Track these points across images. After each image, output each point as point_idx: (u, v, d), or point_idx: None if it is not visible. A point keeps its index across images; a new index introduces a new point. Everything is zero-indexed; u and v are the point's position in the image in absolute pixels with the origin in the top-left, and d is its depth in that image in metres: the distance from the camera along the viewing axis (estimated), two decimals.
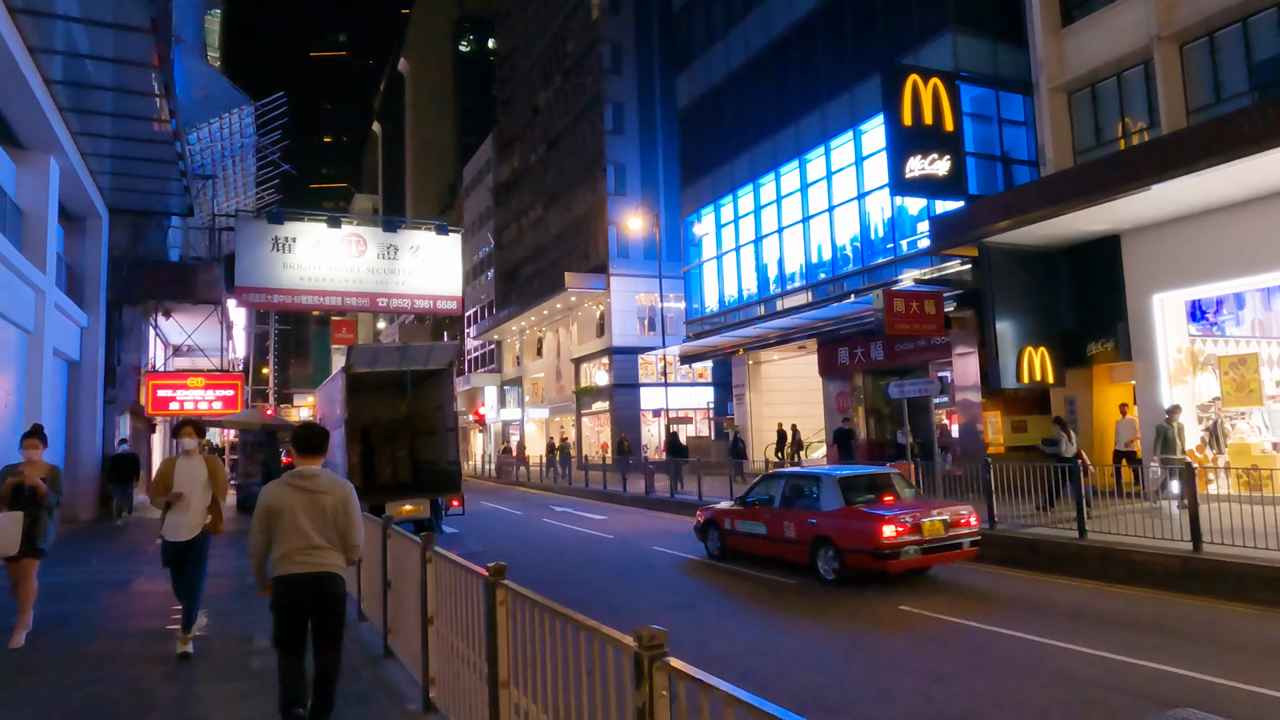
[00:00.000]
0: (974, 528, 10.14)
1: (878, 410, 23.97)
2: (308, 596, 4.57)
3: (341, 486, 4.74)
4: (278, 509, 4.59)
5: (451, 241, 25.37)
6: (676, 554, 12.99)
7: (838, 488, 10.38)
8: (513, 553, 13.99)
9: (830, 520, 10.18)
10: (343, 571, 4.73)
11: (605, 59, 38.30)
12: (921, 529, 9.64)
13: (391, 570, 6.32)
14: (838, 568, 9.96)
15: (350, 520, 4.69)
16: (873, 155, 22.09)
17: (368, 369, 15.68)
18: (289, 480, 4.68)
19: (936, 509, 9.98)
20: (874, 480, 10.82)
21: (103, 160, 16.50)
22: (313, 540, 4.57)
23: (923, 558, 9.65)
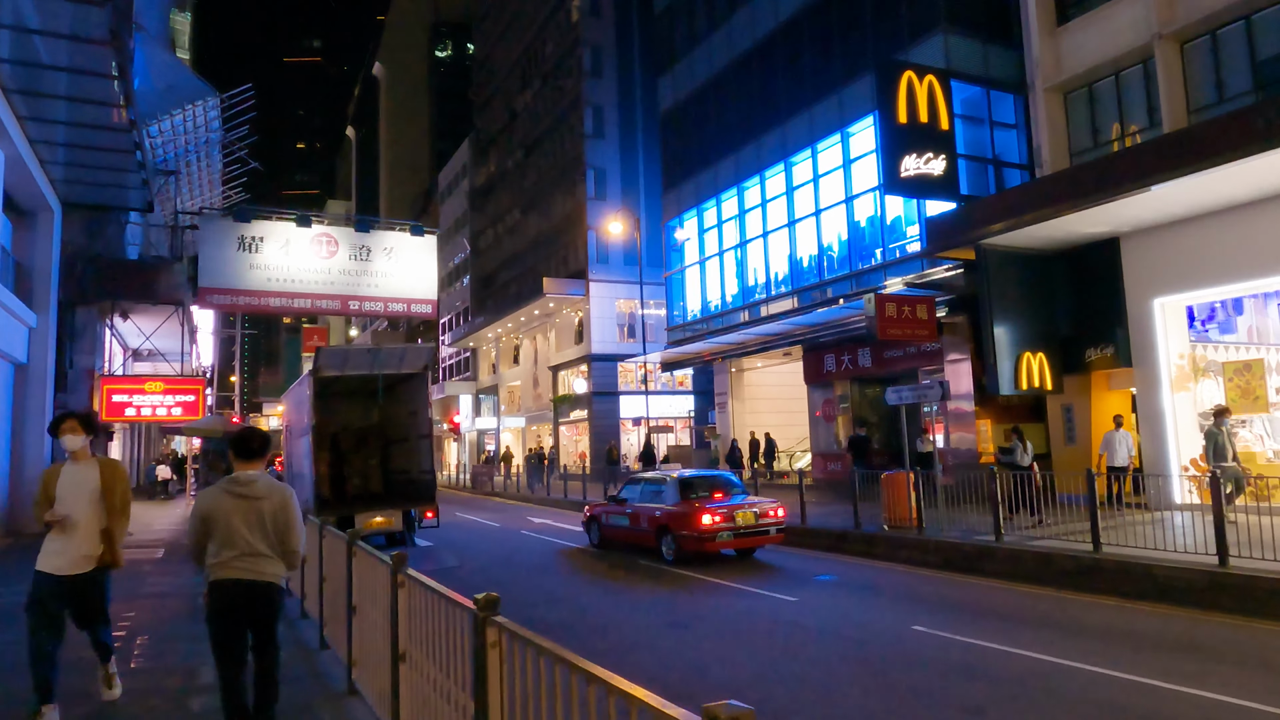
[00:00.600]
0: (780, 518, 12.63)
1: (864, 418, 23.42)
2: (244, 604, 4.47)
3: (280, 491, 4.63)
4: (214, 515, 4.48)
5: (427, 243, 24.49)
6: (669, 569, 12.24)
7: (678, 487, 12.94)
8: (489, 568, 13.18)
9: (669, 513, 12.64)
10: (280, 580, 4.64)
11: (585, 61, 37.70)
12: (735, 519, 12.20)
13: (358, 593, 5.51)
14: (674, 550, 12.49)
15: (290, 526, 4.59)
16: (861, 158, 21.64)
17: (337, 372, 14.82)
18: (226, 486, 4.55)
19: (752, 504, 12.54)
20: (711, 481, 13.42)
21: (55, 149, 15.50)
22: (251, 547, 4.46)
23: (735, 541, 12.28)
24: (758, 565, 12.32)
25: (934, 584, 10.60)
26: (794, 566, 12.24)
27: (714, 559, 12.53)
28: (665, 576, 11.56)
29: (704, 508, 12.20)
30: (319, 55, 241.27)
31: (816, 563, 12.55)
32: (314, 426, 14.59)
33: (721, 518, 12.09)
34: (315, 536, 7.49)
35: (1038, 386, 15.28)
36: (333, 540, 6.56)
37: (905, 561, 12.20)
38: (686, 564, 12.32)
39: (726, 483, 13.44)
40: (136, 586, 10.48)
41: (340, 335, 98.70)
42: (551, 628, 8.67)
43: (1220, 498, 8.99)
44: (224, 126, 21.84)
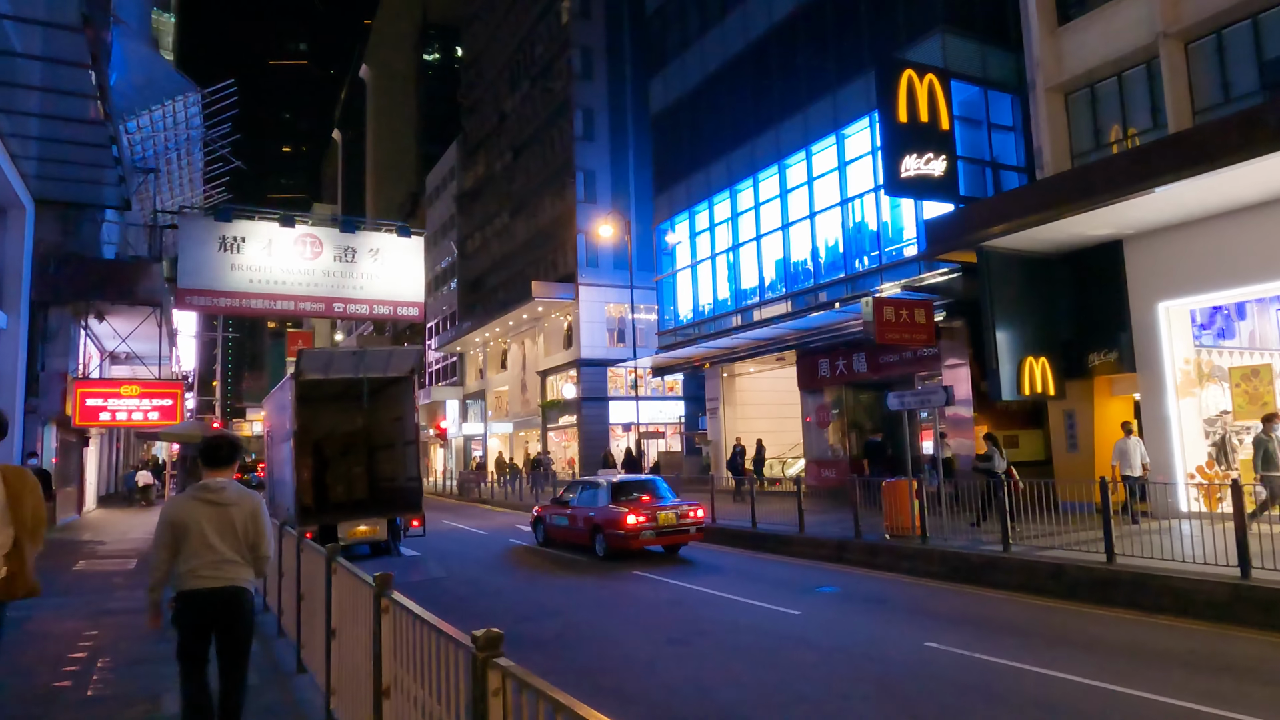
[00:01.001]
0: (700, 519, 14.04)
1: (859, 424, 23.09)
2: (216, 612, 4.45)
3: (250, 498, 4.63)
4: (184, 524, 4.41)
5: (413, 244, 23.99)
6: (667, 580, 11.79)
7: (609, 490, 14.27)
8: (478, 579, 12.68)
9: (600, 513, 13.97)
10: (251, 585, 4.64)
11: (575, 63, 37.31)
12: (657, 519, 13.47)
13: (337, 615, 5.03)
14: (605, 547, 13.78)
15: (261, 533, 4.60)
16: (856, 160, 21.35)
17: (320, 375, 14.30)
18: (195, 494, 4.50)
19: (673, 506, 13.83)
20: (641, 485, 14.80)
21: (27, 143, 14.87)
22: (222, 555, 4.44)
23: (657, 539, 13.61)
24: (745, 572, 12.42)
25: (942, 596, 10.21)
26: (795, 578, 11.83)
27: (639, 555, 14.05)
28: (645, 583, 11.15)
29: (630, 509, 13.63)
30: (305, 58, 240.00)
31: (818, 573, 12.14)
32: (296, 432, 14.06)
33: (645, 518, 13.46)
34: (293, 550, 7.00)
35: (1040, 392, 14.96)
36: (311, 555, 6.05)
37: (909, 572, 11.80)
38: (616, 559, 13.81)
39: (654, 487, 14.91)
40: (103, 601, 9.93)
41: (325, 339, 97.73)
42: (545, 644, 8.21)
43: (1242, 507, 8.63)
44: (205, 124, 21.27)
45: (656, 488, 14.80)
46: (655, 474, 25.45)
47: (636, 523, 13.34)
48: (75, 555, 14.54)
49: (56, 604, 9.73)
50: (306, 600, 6.32)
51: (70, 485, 22.86)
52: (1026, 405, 18.55)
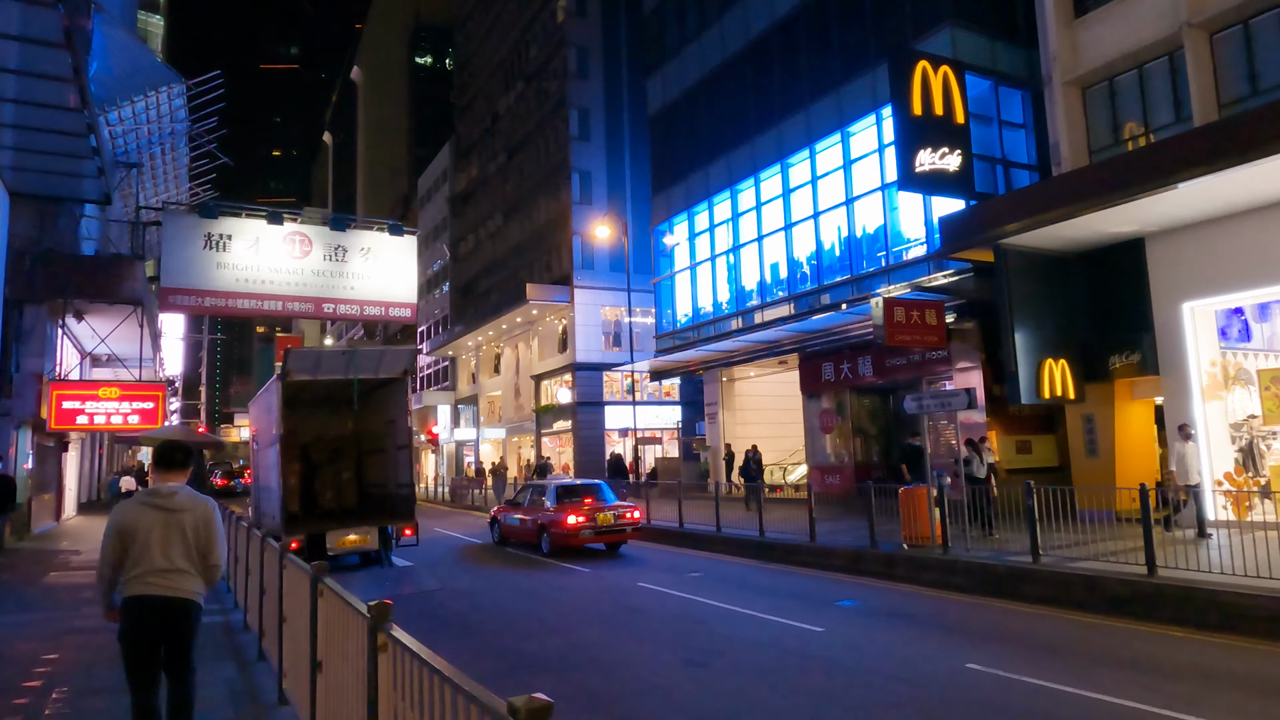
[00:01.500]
0: (635, 520, 15.58)
1: (864, 430, 22.52)
2: (160, 621, 4.26)
3: (202, 504, 4.49)
4: (131, 529, 4.28)
5: (406, 243, 23.30)
6: (674, 593, 11.14)
7: (555, 493, 15.79)
8: (474, 591, 11.99)
9: (547, 514, 15.48)
10: (200, 597, 4.46)
11: (571, 63, 36.73)
12: (596, 520, 14.99)
13: (324, 644, 4.36)
14: (550, 544, 15.29)
15: (212, 541, 4.45)
16: (862, 159, 20.81)
17: (308, 376, 13.60)
18: (145, 499, 4.37)
19: (611, 508, 15.35)
20: (584, 490, 16.20)
21: (1, 132, 14.16)
22: (171, 563, 4.29)
23: (596, 537, 15.08)
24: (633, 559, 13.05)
25: (971, 611, 9.59)
26: (810, 590, 11.21)
27: (581, 552, 15.50)
28: (651, 597, 10.51)
29: (572, 511, 15.10)
30: (296, 62, 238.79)
31: (833, 585, 11.52)
32: (282, 436, 13.36)
33: (585, 519, 14.97)
34: (274, 565, 6.33)
35: (1060, 395, 14.39)
36: (295, 574, 5.36)
37: (931, 584, 11.20)
38: (559, 556, 15.22)
39: (598, 491, 16.28)
40: (69, 618, 9.20)
41: (314, 343, 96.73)
42: (551, 665, 7.56)
43: None
44: (191, 117, 20.54)
45: (600, 491, 16.25)
46: (652, 480, 24.86)
47: (577, 523, 14.93)
48: (47, 566, 13.78)
49: (17, 622, 9.00)
50: (290, 623, 5.66)
51: (48, 492, 22.03)
52: (1039, 410, 18.01)
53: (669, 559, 14.81)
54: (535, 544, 15.81)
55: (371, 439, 17.10)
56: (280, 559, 5.91)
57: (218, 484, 38.08)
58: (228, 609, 9.74)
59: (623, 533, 15.31)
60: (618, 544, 15.75)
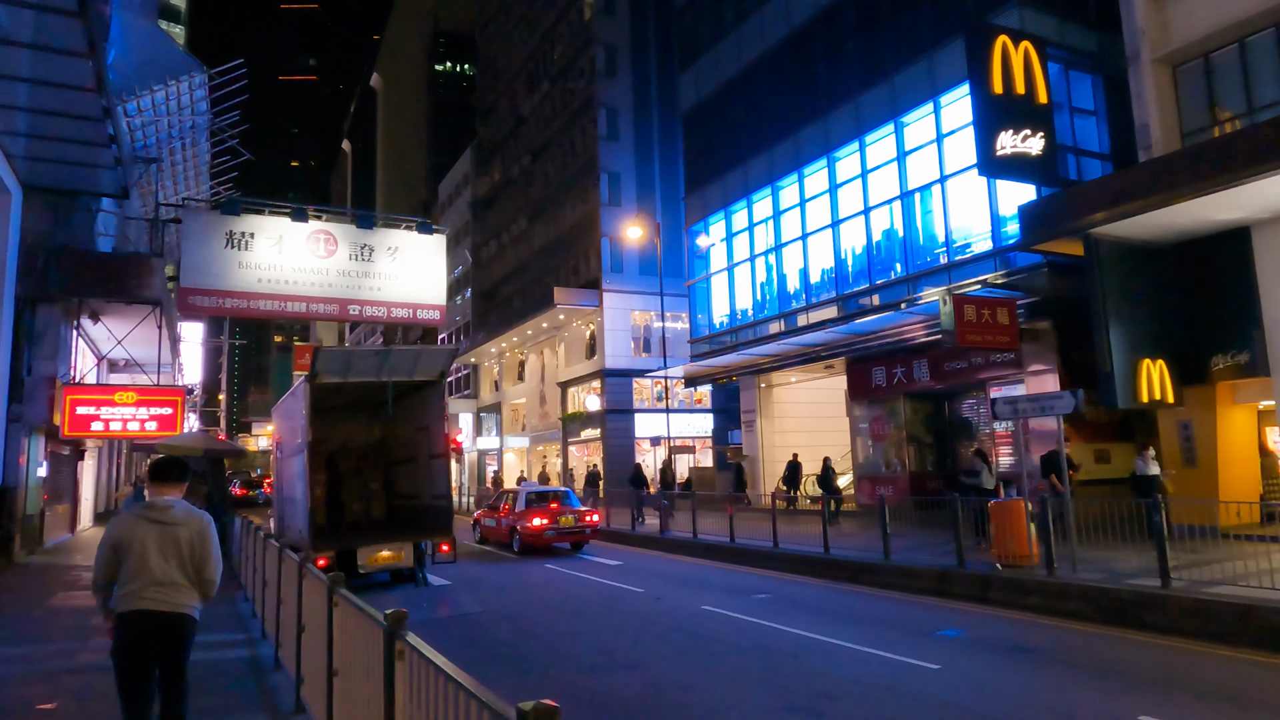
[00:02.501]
0: (595, 523, 17.80)
1: (918, 439, 21.25)
2: (155, 636, 4.19)
3: (198, 519, 4.46)
4: (126, 543, 4.25)
5: (435, 242, 22.28)
6: (747, 618, 9.93)
7: (525, 497, 17.84)
8: (522, 614, 10.84)
9: (517, 517, 17.46)
10: (195, 611, 4.41)
11: (599, 61, 35.75)
12: (559, 522, 17.15)
13: (340, 655, 4.26)
14: (520, 543, 17.33)
15: (207, 555, 4.41)
16: (917, 150, 19.65)
17: (338, 379, 12.52)
18: (141, 512, 4.36)
19: (573, 512, 17.49)
20: (552, 495, 18.28)
21: (13, 116, 13.23)
22: (166, 577, 4.24)
23: (559, 537, 17.21)
24: None
25: (1099, 644, 8.34)
26: (899, 616, 9.98)
27: (548, 550, 17.63)
28: (723, 623, 9.31)
29: (538, 514, 17.24)
30: (314, 74, 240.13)
31: (924, 611, 10.28)
32: (310, 444, 12.28)
33: (549, 521, 17.16)
34: (293, 576, 6.00)
35: (1158, 398, 13.11)
36: (312, 585, 5.18)
37: (1037, 610, 9.94)
38: (528, 553, 17.26)
39: (564, 496, 18.38)
40: (72, 652, 8.09)
41: None
42: (633, 710, 6.40)
43: None
44: (212, 110, 19.64)
45: (566, 497, 18.37)
46: (688, 491, 23.68)
47: (541, 524, 17.11)
48: (55, 584, 12.74)
49: (11, 657, 7.87)
50: (309, 635, 5.46)
51: (63, 503, 21.10)
52: (1116, 416, 16.74)
53: (727, 579, 13.62)
54: (508, 543, 18.00)
55: (402, 447, 16.02)
56: (299, 569, 5.08)
57: (236, 494, 37.20)
58: (254, 638, 8.66)
59: (583, 533, 17.56)
60: (580, 544, 17.98)
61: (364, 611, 3.52)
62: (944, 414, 21.43)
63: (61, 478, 20.63)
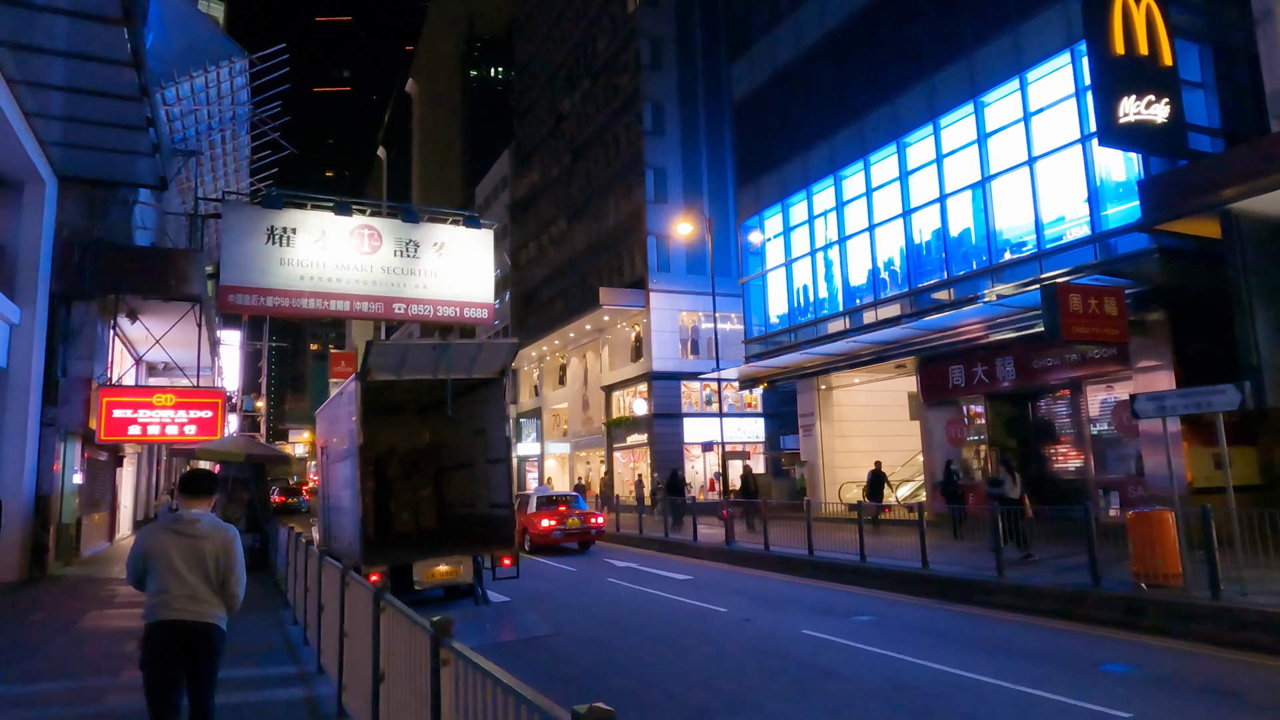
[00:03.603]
0: (600, 524, 19.65)
1: (1000, 443, 19.66)
2: (182, 645, 4.28)
3: (223, 532, 4.50)
4: (152, 554, 4.35)
5: (483, 237, 21.31)
6: (860, 646, 8.61)
7: (535, 501, 19.31)
8: (600, 638, 9.61)
9: (527, 519, 18.65)
10: (221, 621, 4.46)
11: (643, 54, 34.65)
12: (566, 523, 18.76)
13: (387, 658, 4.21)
14: (530, 542, 18.57)
15: (231, 569, 4.46)
16: (999, 131, 18.22)
17: (391, 376, 11.44)
18: (168, 524, 4.45)
19: (579, 514, 19.12)
20: (560, 499, 19.92)
21: (47, 97, 12.38)
22: (191, 588, 4.32)
23: (566, 537, 18.77)
24: None
25: None
26: (1045, 647, 8.58)
27: (556, 549, 19.03)
28: (840, 653, 8.03)
29: (546, 515, 18.59)
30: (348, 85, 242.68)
31: (1067, 639, 8.88)
32: (361, 447, 11.20)
33: (556, 522, 18.59)
34: (366, 610, 5.18)
35: None
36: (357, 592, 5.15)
37: (1204, 640, 8.49)
38: (539, 552, 18.48)
39: (572, 499, 19.96)
40: (100, 689, 6.94)
41: None
42: None
43: None
44: (252, 100, 18.80)
45: (574, 501, 19.85)
46: (746, 498, 22.42)
47: (550, 525, 18.48)
48: (88, 601, 11.78)
49: (29, 696, 6.75)
50: (352, 652, 5.36)
51: (100, 510, 20.35)
52: (1233, 418, 15.13)
53: (813, 596, 12.30)
54: (519, 543, 20.35)
55: (455, 451, 14.93)
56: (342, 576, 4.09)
57: (276, 500, 36.57)
58: (308, 673, 7.50)
59: (588, 534, 18.99)
60: (588, 544, 19.34)
61: (493, 678, 2.54)
62: (1029, 416, 19.87)
63: (99, 484, 19.88)
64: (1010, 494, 13.29)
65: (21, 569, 13.63)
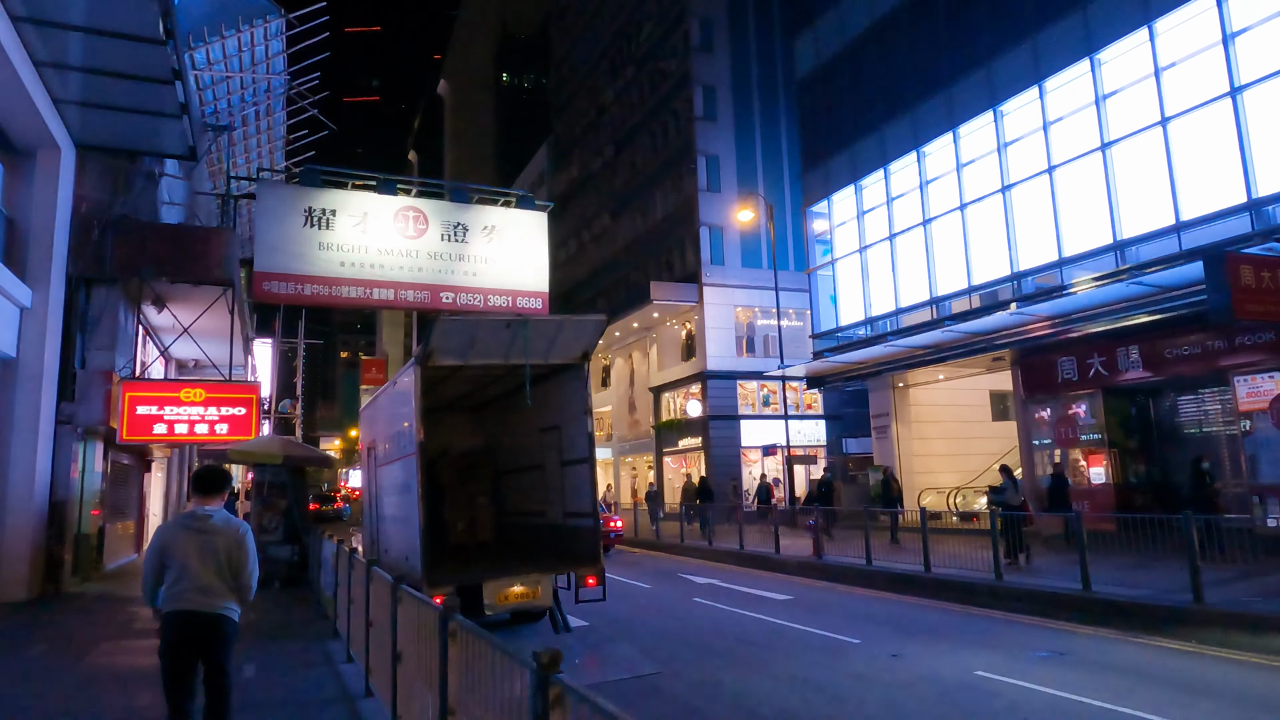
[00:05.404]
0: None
1: (1119, 444, 17.49)
2: (196, 635, 4.50)
3: (235, 528, 4.73)
4: (169, 549, 4.58)
5: (536, 220, 19.59)
6: (1048, 690, 6.61)
7: None
8: (722, 681, 7.71)
9: None
10: (234, 612, 4.69)
11: (693, 36, 32.80)
12: None
13: None
14: None
15: (243, 562, 4.69)
16: (1116, 92, 16.14)
17: (456, 360, 9.61)
18: (183, 521, 4.69)
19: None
20: None
21: (61, 45, 10.78)
22: (205, 581, 4.54)
23: None
24: None
25: None
26: None
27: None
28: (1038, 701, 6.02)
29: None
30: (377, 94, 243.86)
31: None
32: (421, 444, 9.39)
33: None
34: None
35: None
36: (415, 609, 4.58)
37: None
38: None
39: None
40: None
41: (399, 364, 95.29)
42: None
43: None
44: (289, 69, 17.20)
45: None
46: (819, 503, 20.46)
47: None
48: (104, 626, 10.06)
49: None
50: None
51: (126, 519, 18.81)
52: None
53: (955, 624, 10.29)
54: None
55: (515, 454, 13.15)
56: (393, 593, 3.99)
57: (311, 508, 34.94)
58: (352, 694, 5.80)
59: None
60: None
61: None
62: (1149, 413, 17.69)
63: (125, 490, 18.34)
64: (1012, 501, 13.63)
65: (32, 585, 11.99)
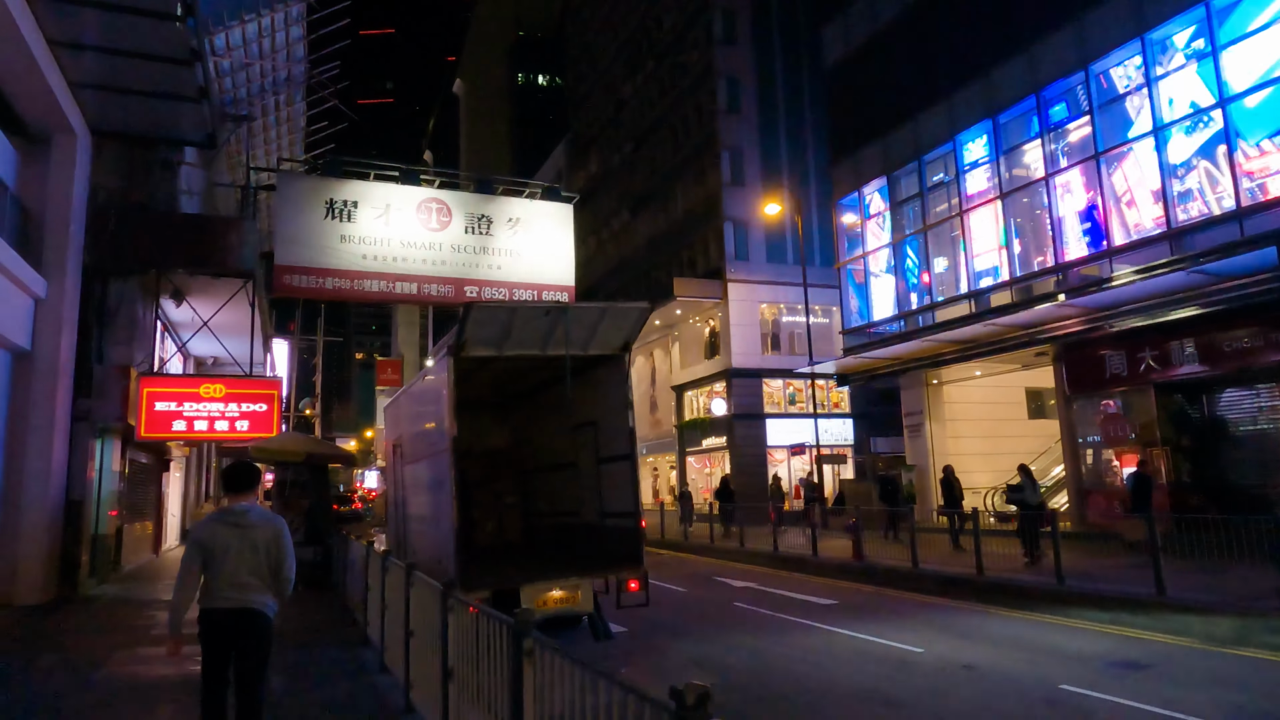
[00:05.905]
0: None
1: (1172, 440, 16.73)
2: (233, 630, 4.49)
3: (273, 523, 4.72)
4: (210, 546, 4.54)
5: (561, 211, 19.10)
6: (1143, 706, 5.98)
7: None
8: (782, 694, 7.19)
9: None
10: (270, 609, 4.65)
11: (716, 27, 32.22)
12: None
13: None
14: None
15: (283, 556, 4.66)
16: (1169, 74, 15.42)
17: (491, 351, 9.07)
18: (219, 518, 4.64)
19: None
20: None
21: (77, 24, 10.33)
22: (241, 577, 4.52)
23: None
24: None
25: None
26: None
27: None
28: None
29: None
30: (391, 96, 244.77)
31: None
32: (454, 439, 8.86)
33: None
34: None
35: None
36: None
37: None
38: None
39: None
40: None
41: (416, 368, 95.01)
42: None
43: None
44: (309, 56, 16.76)
45: None
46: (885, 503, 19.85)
47: None
48: (119, 634, 9.53)
49: None
50: None
51: (144, 519, 18.41)
52: None
53: (1019, 631, 9.64)
54: None
55: (545, 451, 12.63)
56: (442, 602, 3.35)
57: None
58: (391, 709, 5.47)
59: None
60: None
61: None
62: (1204, 409, 16.92)
63: (143, 490, 17.94)
64: (1030, 500, 13.62)
65: (47, 588, 11.53)
